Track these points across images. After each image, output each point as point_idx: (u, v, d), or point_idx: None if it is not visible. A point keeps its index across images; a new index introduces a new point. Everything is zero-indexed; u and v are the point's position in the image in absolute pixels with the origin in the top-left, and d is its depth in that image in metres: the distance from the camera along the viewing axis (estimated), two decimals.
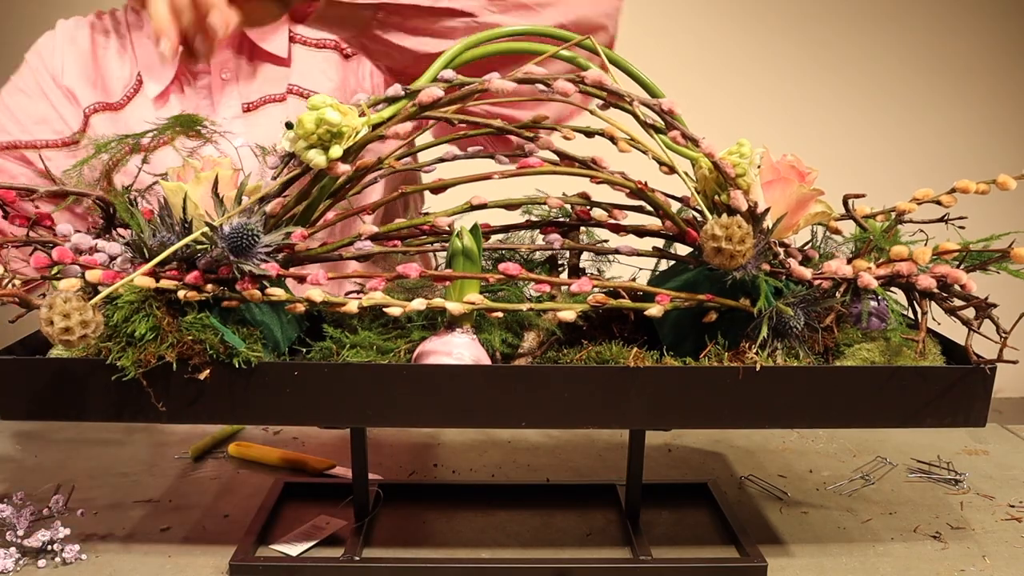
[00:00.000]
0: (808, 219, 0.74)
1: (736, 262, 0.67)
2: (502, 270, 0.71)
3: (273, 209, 0.70)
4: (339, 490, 0.90)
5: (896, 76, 1.69)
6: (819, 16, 1.66)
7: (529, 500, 0.91)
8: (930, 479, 0.99)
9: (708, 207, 0.73)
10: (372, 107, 0.70)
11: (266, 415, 0.71)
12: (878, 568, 0.80)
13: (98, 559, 0.79)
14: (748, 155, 0.72)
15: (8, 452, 1.04)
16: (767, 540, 0.85)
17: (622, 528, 0.85)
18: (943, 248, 0.74)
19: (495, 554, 0.81)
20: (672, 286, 0.74)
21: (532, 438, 1.10)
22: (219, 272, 0.68)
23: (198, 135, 0.83)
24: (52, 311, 0.60)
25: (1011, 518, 0.90)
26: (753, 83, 1.60)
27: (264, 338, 0.71)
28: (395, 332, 0.76)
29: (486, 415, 0.71)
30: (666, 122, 0.72)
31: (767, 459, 1.05)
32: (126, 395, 0.69)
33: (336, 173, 0.69)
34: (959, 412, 0.72)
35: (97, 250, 0.71)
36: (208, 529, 0.86)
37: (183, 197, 0.69)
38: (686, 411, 0.71)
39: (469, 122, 0.73)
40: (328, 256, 0.73)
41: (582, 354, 0.74)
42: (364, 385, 0.69)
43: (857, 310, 0.74)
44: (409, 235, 0.77)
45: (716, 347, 0.72)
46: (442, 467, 1.01)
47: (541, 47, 0.74)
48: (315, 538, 0.82)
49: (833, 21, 1.66)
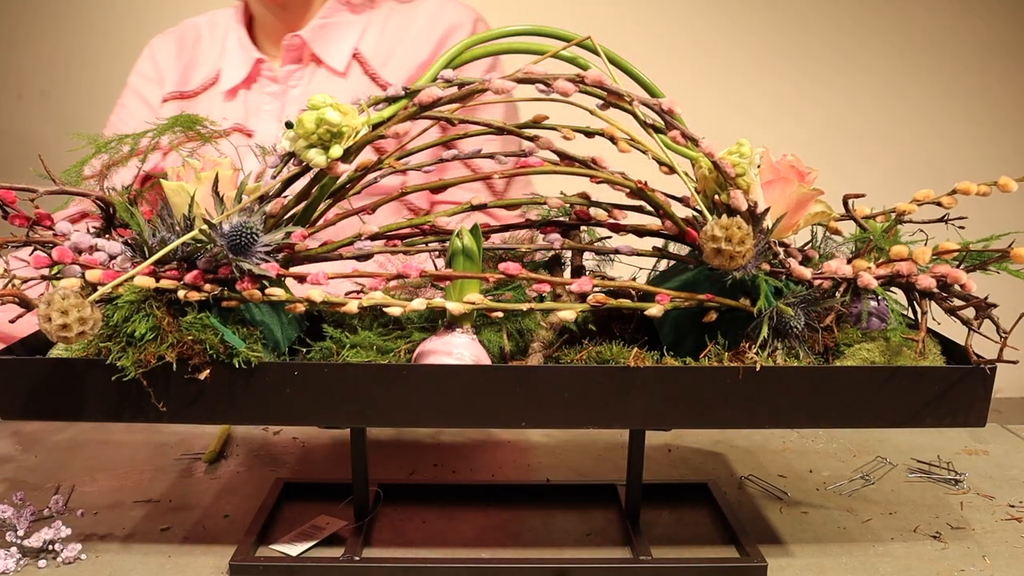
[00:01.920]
0: (808, 219, 0.74)
1: (736, 263, 0.67)
2: (502, 270, 0.71)
3: (273, 209, 0.70)
4: (339, 490, 0.90)
5: (896, 76, 1.69)
6: (819, 16, 1.66)
7: (529, 500, 0.91)
8: (930, 479, 0.99)
9: (708, 207, 0.73)
10: (372, 107, 0.70)
11: (266, 415, 0.71)
12: (878, 568, 0.80)
13: (98, 559, 0.79)
14: (748, 155, 0.72)
15: (8, 452, 1.04)
16: (767, 540, 0.85)
17: (622, 528, 0.85)
18: (943, 248, 0.74)
19: (495, 554, 0.81)
20: (672, 286, 0.74)
21: (532, 438, 1.10)
22: (219, 272, 0.68)
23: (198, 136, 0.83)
24: (50, 308, 0.60)
25: (1011, 518, 0.90)
26: (753, 83, 1.60)
27: (264, 338, 0.71)
28: (395, 332, 0.76)
29: (486, 415, 0.71)
30: (666, 122, 0.72)
31: (767, 459, 1.05)
32: (126, 395, 0.69)
33: (336, 173, 0.69)
34: (959, 412, 0.72)
35: (97, 249, 0.71)
36: (208, 529, 0.86)
37: (185, 196, 0.69)
38: (686, 411, 0.71)
39: (469, 122, 0.73)
40: (328, 256, 0.73)
41: (582, 354, 0.74)
42: (364, 385, 0.69)
43: (857, 310, 0.74)
44: (409, 235, 0.77)
45: (716, 347, 0.72)
46: (442, 467, 1.01)
47: (541, 46, 0.75)
48: (315, 538, 0.82)
49: (833, 21, 1.66)
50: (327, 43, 1.15)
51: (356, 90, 1.13)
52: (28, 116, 1.66)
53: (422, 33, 1.16)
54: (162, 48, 1.24)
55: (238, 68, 1.17)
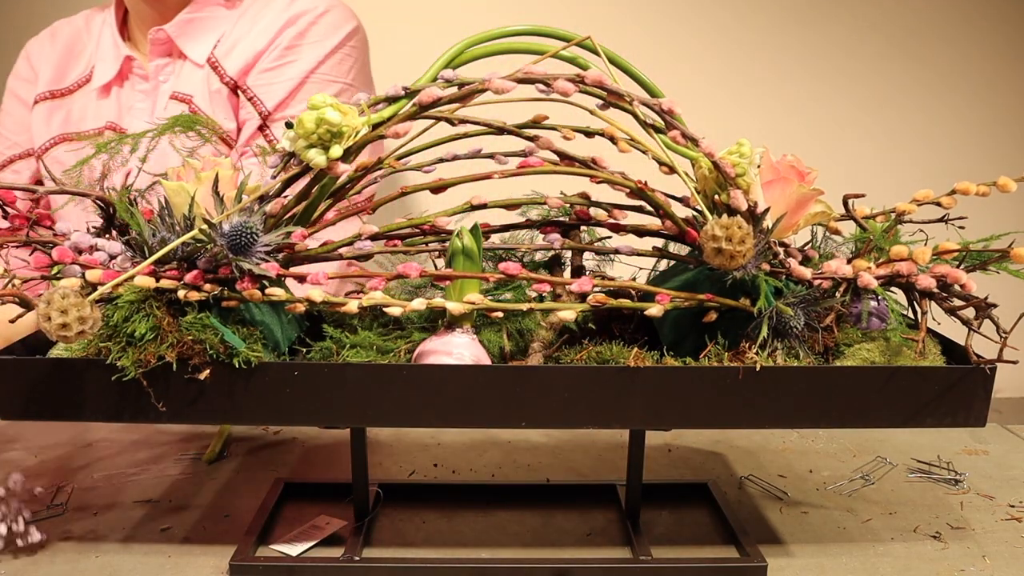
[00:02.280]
0: (808, 219, 0.74)
1: (736, 262, 0.67)
2: (502, 270, 0.71)
3: (273, 209, 0.70)
4: (339, 490, 0.90)
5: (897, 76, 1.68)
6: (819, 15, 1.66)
7: (529, 500, 0.91)
8: (930, 479, 0.99)
9: (708, 207, 0.73)
10: (372, 107, 0.70)
11: (266, 415, 0.71)
12: (878, 568, 0.80)
13: (98, 559, 0.79)
14: (748, 155, 0.72)
15: (8, 452, 1.04)
16: (767, 540, 0.85)
17: (622, 528, 0.85)
18: (943, 248, 0.74)
19: (495, 554, 0.81)
20: (672, 286, 0.74)
21: (532, 438, 1.10)
22: (219, 272, 0.68)
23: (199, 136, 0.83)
24: (50, 307, 0.60)
25: (1011, 518, 0.90)
26: (753, 83, 1.60)
27: (264, 338, 0.71)
28: (395, 332, 0.76)
29: (486, 415, 0.71)
30: (666, 122, 0.72)
31: (767, 459, 1.05)
32: (126, 395, 0.69)
33: (336, 173, 0.69)
34: (959, 412, 0.72)
35: (97, 249, 0.71)
36: (208, 529, 0.86)
37: (185, 196, 0.69)
38: (686, 411, 0.71)
39: (469, 122, 0.73)
40: (328, 256, 0.73)
41: (582, 354, 0.74)
42: (364, 385, 0.69)
43: (857, 310, 0.74)
44: (409, 235, 0.77)
45: (716, 347, 0.72)
46: (442, 467, 1.01)
47: (541, 46, 0.75)
48: (315, 538, 0.82)
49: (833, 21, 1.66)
50: (190, 37, 1.13)
51: (208, 81, 1.11)
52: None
53: (272, 21, 1.13)
54: (36, 48, 1.22)
55: (109, 65, 1.16)
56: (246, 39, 1.12)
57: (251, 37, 1.12)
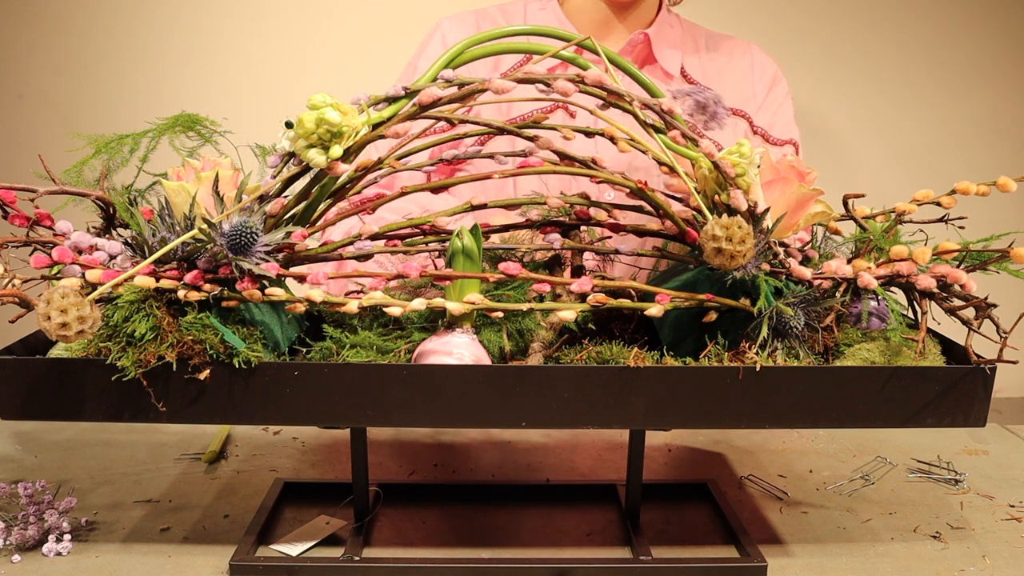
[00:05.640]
0: (808, 219, 0.74)
1: (736, 262, 0.67)
2: (502, 270, 0.71)
3: (273, 209, 0.70)
4: (339, 490, 0.90)
5: (897, 76, 1.69)
6: (820, 15, 1.66)
7: (529, 500, 0.91)
8: (930, 479, 0.99)
9: (708, 207, 0.73)
10: (372, 106, 0.70)
11: (266, 415, 0.71)
12: (878, 568, 0.80)
13: (98, 559, 0.79)
14: (748, 155, 0.72)
15: (8, 452, 1.04)
16: (767, 540, 0.85)
17: (622, 528, 0.85)
18: (943, 248, 0.74)
19: (495, 554, 0.81)
20: (672, 286, 0.74)
21: (532, 438, 1.10)
22: (219, 272, 0.68)
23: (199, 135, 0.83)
24: (50, 306, 0.60)
25: (1011, 518, 0.90)
26: None
27: (264, 338, 0.71)
28: (395, 332, 0.76)
29: (486, 415, 0.71)
30: (666, 122, 0.72)
31: (767, 459, 1.05)
32: (126, 395, 0.69)
33: (336, 173, 0.69)
34: (959, 412, 0.72)
35: (97, 249, 0.71)
36: (208, 529, 0.86)
37: (185, 196, 0.69)
38: (686, 411, 0.71)
39: (469, 122, 0.73)
40: (328, 256, 0.73)
41: (582, 354, 0.74)
42: (364, 385, 0.69)
43: (857, 310, 0.74)
44: (409, 235, 0.77)
45: (716, 347, 0.72)
46: (442, 467, 1.01)
47: (541, 47, 0.75)
48: (315, 538, 0.82)
49: (834, 20, 1.66)
50: (662, 46, 1.11)
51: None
52: (28, 116, 1.66)
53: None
54: (453, 30, 1.16)
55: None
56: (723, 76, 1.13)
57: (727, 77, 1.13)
